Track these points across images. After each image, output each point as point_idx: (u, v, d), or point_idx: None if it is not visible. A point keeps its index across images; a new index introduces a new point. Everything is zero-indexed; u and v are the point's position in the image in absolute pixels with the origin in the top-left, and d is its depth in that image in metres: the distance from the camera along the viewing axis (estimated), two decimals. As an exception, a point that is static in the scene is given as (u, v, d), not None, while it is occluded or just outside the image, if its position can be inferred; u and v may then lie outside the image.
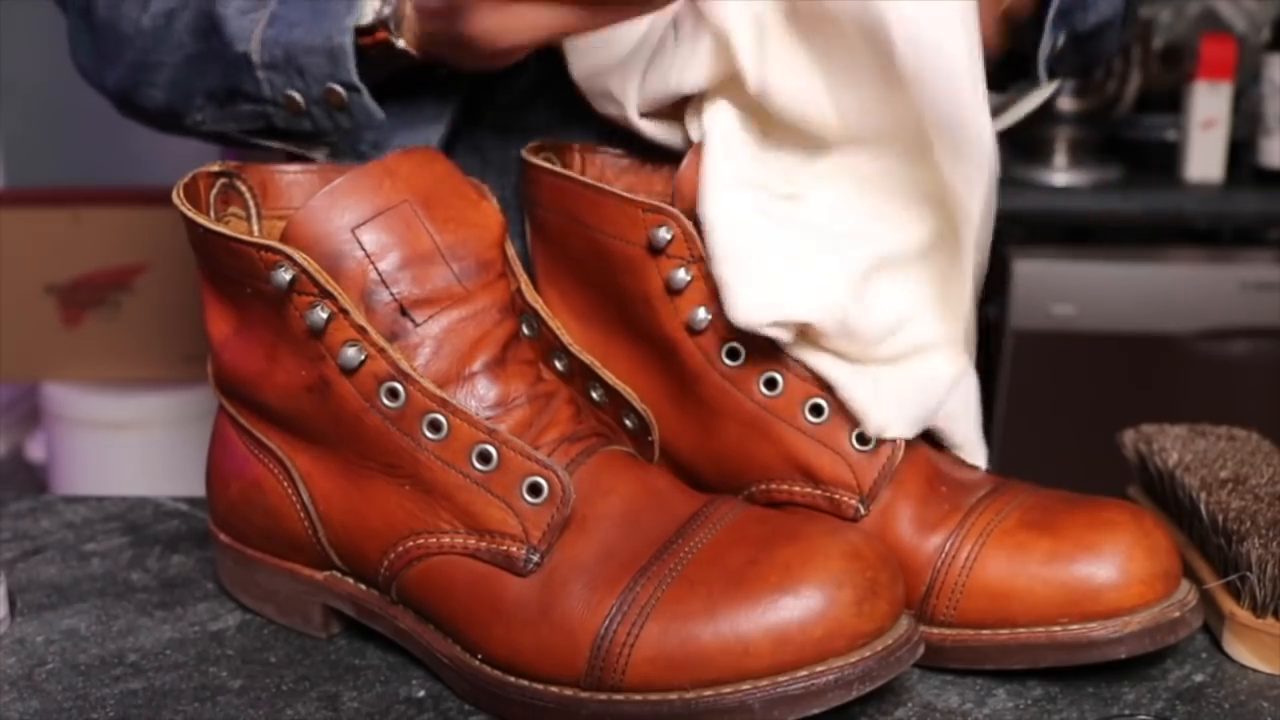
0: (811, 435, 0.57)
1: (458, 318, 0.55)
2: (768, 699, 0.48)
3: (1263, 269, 1.80)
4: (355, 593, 0.57)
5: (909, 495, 0.57)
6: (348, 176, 0.54)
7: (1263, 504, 0.59)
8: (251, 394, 0.57)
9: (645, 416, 0.57)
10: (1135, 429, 0.69)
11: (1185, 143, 1.87)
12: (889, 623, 0.50)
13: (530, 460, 0.52)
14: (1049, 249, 1.85)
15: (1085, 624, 0.53)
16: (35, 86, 1.97)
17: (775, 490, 0.58)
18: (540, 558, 0.52)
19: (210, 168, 0.58)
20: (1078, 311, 1.80)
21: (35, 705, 0.54)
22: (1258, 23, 1.96)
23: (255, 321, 0.56)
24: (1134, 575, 0.53)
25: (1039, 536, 0.54)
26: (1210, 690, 0.55)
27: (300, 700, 0.54)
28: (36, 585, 0.64)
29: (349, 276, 0.53)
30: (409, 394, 0.52)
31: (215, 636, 0.60)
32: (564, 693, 0.50)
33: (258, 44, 0.63)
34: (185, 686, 0.55)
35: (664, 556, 0.51)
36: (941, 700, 0.54)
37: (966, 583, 0.55)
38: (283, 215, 0.59)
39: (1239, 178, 1.88)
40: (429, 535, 0.53)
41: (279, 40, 0.62)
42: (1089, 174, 1.89)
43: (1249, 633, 0.56)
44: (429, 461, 0.53)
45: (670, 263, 0.58)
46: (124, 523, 0.72)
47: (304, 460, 0.56)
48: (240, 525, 0.60)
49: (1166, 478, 0.64)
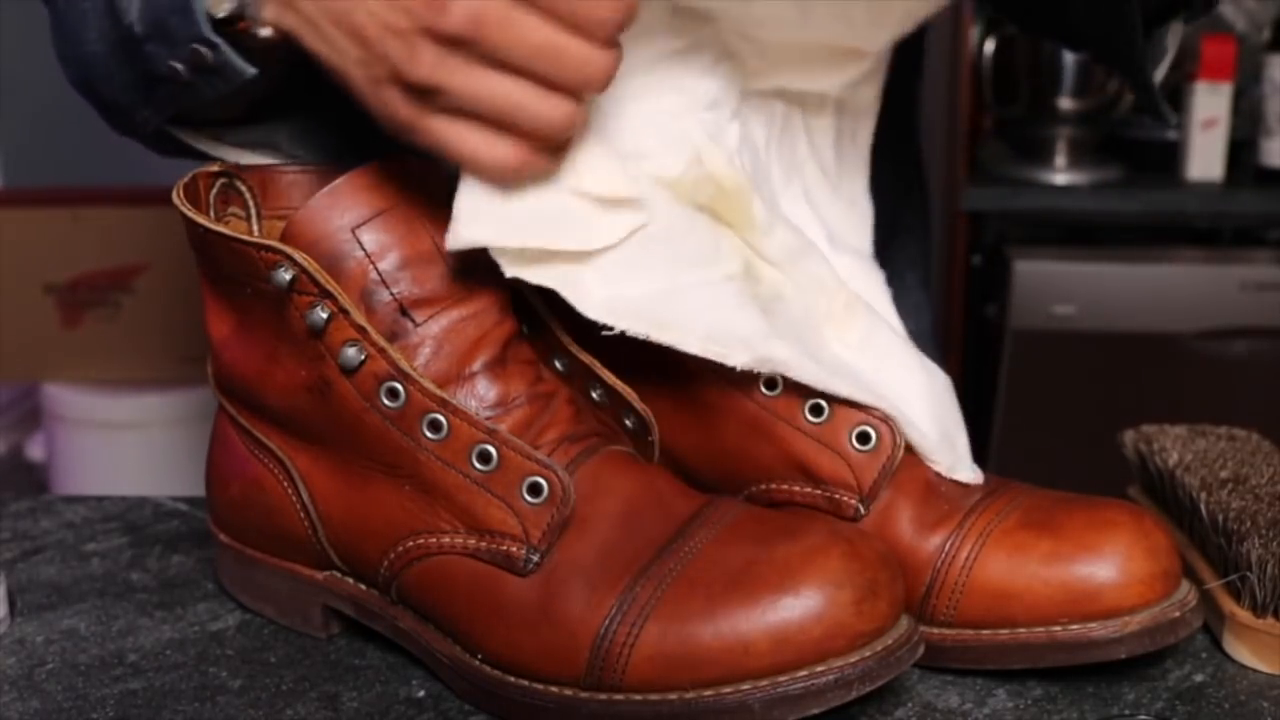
0: (811, 435, 0.57)
1: (458, 318, 0.55)
2: (768, 699, 0.48)
3: (1263, 269, 1.80)
4: (355, 593, 0.57)
5: (909, 495, 0.57)
6: (348, 177, 0.54)
7: (1263, 504, 0.59)
8: (251, 394, 0.57)
9: (645, 416, 0.57)
10: (1135, 429, 0.68)
11: (1185, 143, 1.87)
12: (889, 623, 0.50)
13: (530, 460, 0.52)
14: (1049, 249, 1.85)
15: (1085, 624, 0.53)
16: (35, 86, 1.97)
17: (775, 490, 0.58)
18: (540, 558, 0.52)
19: (210, 168, 0.58)
20: (1078, 311, 1.80)
21: (35, 705, 0.54)
22: (1258, 23, 1.96)
23: (255, 321, 0.56)
24: (1134, 575, 0.53)
25: (1039, 536, 0.54)
26: (1210, 690, 0.55)
27: (300, 700, 0.54)
28: (36, 585, 0.64)
29: (349, 276, 0.53)
30: (409, 394, 0.52)
31: (215, 636, 0.60)
32: (564, 693, 0.50)
33: (136, 14, 0.58)
34: (185, 686, 0.55)
35: (664, 556, 0.51)
36: (941, 700, 0.54)
37: (966, 583, 0.55)
38: (283, 215, 0.59)
39: (1239, 178, 1.88)
40: (429, 535, 0.53)
41: (149, 4, 0.57)
42: (1089, 174, 1.89)
43: (1249, 633, 0.56)
44: (429, 461, 0.53)
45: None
46: (124, 523, 0.72)
47: (304, 460, 0.56)
48: (240, 525, 0.60)
49: (1166, 478, 0.64)
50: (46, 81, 0.64)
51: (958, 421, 0.61)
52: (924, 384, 0.60)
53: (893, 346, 0.61)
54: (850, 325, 0.61)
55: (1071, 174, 1.89)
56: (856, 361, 0.60)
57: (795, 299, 0.59)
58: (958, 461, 0.59)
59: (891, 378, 0.60)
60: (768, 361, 0.56)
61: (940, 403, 0.60)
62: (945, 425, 0.60)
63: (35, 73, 0.62)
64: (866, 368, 0.60)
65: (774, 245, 0.59)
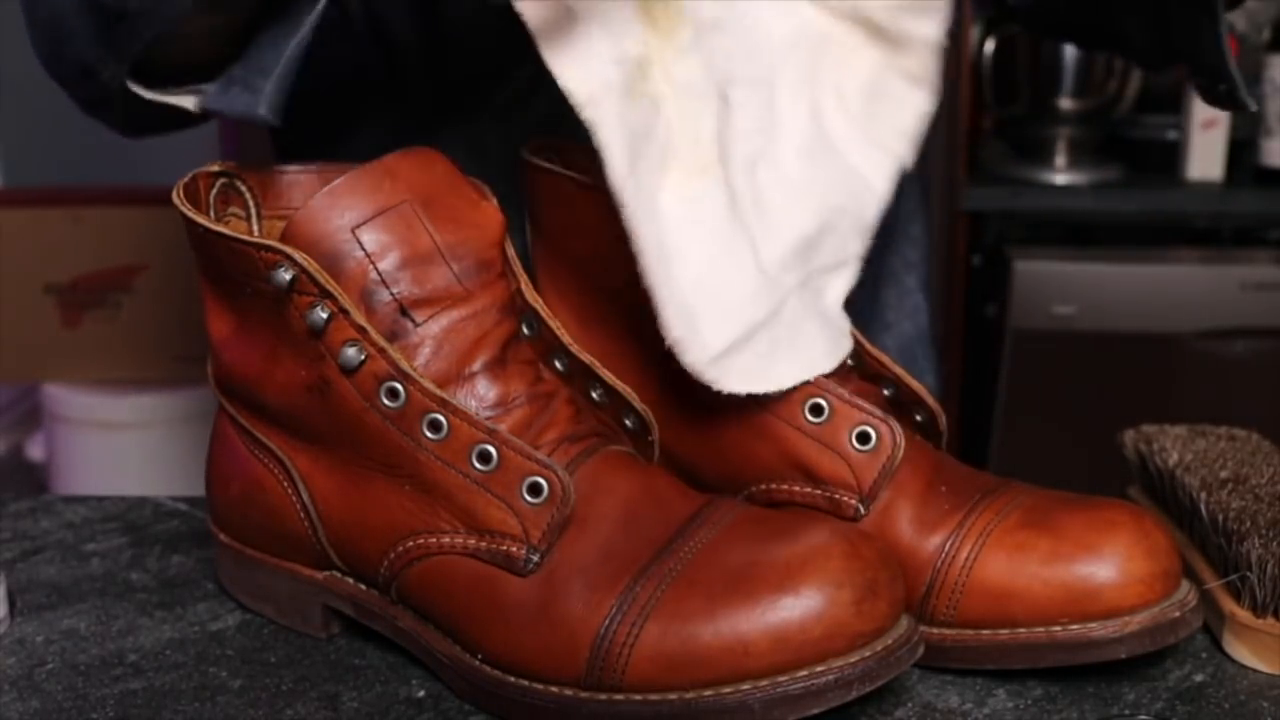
0: (811, 435, 0.57)
1: (458, 318, 0.55)
2: (768, 699, 0.48)
3: (1263, 269, 1.80)
4: (355, 593, 0.57)
5: (909, 495, 0.57)
6: (348, 176, 0.54)
7: (1263, 504, 0.59)
8: (251, 394, 0.57)
9: (645, 416, 0.57)
10: (1135, 429, 0.68)
11: (1185, 143, 1.87)
12: (889, 623, 0.50)
13: (530, 460, 0.52)
14: (1049, 249, 1.85)
15: (1085, 624, 0.53)
16: (35, 86, 1.96)
17: (775, 490, 0.58)
18: (540, 558, 0.52)
19: (210, 168, 0.58)
20: (1078, 311, 1.80)
21: (35, 705, 0.54)
22: (1258, 23, 1.96)
23: (255, 321, 0.56)
24: (1134, 575, 0.53)
25: (1039, 536, 0.54)
26: (1210, 690, 0.55)
27: (300, 700, 0.54)
28: (36, 585, 0.64)
29: (349, 276, 0.53)
30: (409, 394, 0.52)
31: (215, 636, 0.60)
32: (564, 693, 0.50)
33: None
34: (185, 686, 0.55)
35: (664, 556, 0.51)
36: (941, 700, 0.54)
37: (966, 582, 0.55)
38: (283, 215, 0.59)
39: (1239, 178, 1.88)
40: (429, 535, 0.53)
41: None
42: (1089, 174, 1.89)
43: (1249, 633, 0.56)
44: (429, 461, 0.53)
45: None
46: (124, 523, 0.72)
47: (304, 460, 0.56)
48: (240, 525, 0.60)
49: (1166, 478, 0.64)
50: (47, 81, 0.64)
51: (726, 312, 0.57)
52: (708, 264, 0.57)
53: (718, 220, 0.58)
54: (688, 183, 0.58)
55: (1071, 174, 1.89)
56: (675, 212, 0.57)
57: (664, 121, 0.57)
58: (686, 344, 0.56)
59: (681, 244, 0.57)
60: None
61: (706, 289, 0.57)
62: (704, 311, 0.56)
63: (36, 73, 0.62)
64: (672, 223, 0.57)
65: (680, 68, 0.57)
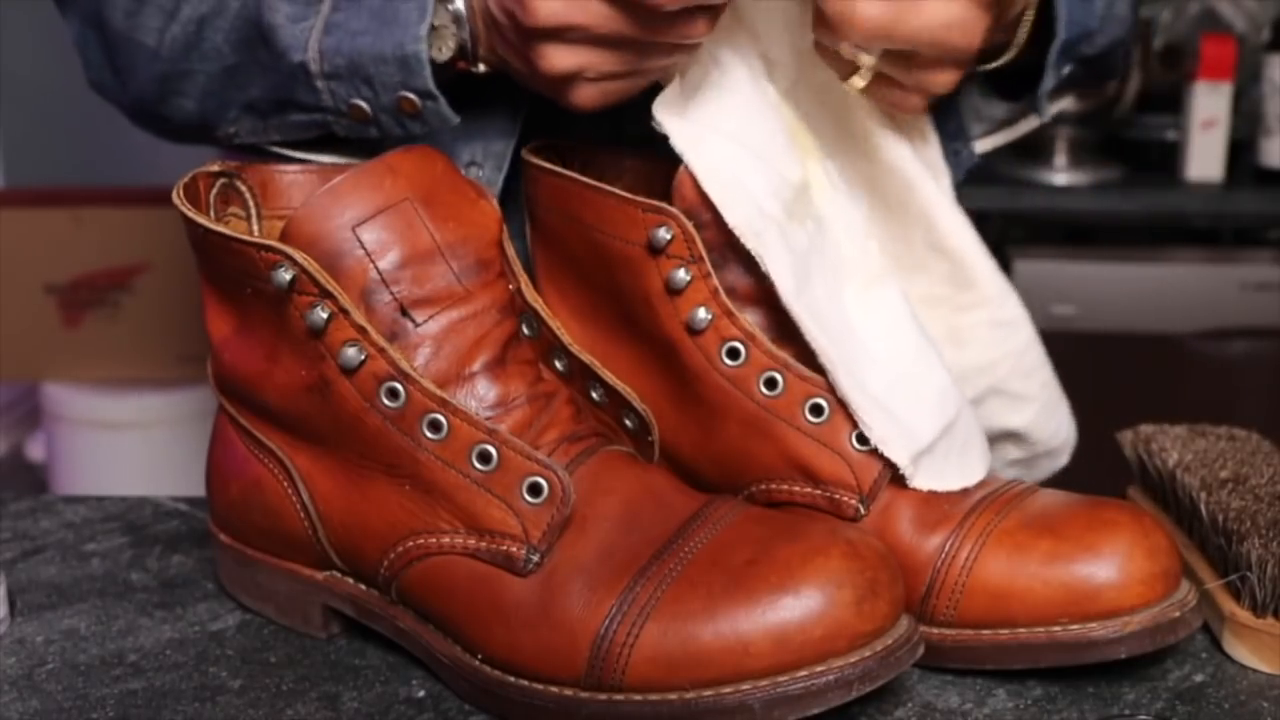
0: (811, 435, 0.57)
1: (457, 318, 0.55)
2: (768, 699, 0.48)
3: (1263, 269, 1.80)
4: (355, 593, 0.57)
5: (909, 495, 0.57)
6: (348, 175, 0.54)
7: (1263, 504, 0.59)
8: (251, 394, 0.57)
9: (645, 416, 0.57)
10: (1135, 429, 0.68)
11: (1185, 143, 1.87)
12: (889, 623, 0.50)
13: (530, 460, 0.52)
14: (1049, 249, 1.85)
15: (1085, 624, 0.53)
16: (35, 86, 1.97)
17: (775, 490, 0.58)
18: (540, 558, 0.52)
19: (210, 168, 0.58)
20: (1078, 311, 1.80)
21: (35, 705, 0.54)
22: (1258, 23, 1.96)
23: (255, 321, 0.56)
24: (1134, 575, 0.53)
25: (1039, 536, 0.54)
26: (1210, 690, 0.55)
27: (300, 700, 0.54)
28: (36, 585, 0.64)
29: (349, 275, 0.53)
30: (409, 394, 0.52)
31: (215, 636, 0.60)
32: (564, 693, 0.50)
33: (316, 53, 0.60)
34: (185, 686, 0.55)
35: (664, 556, 0.51)
36: (941, 700, 0.54)
37: (966, 583, 0.55)
38: (283, 215, 0.59)
39: (1239, 178, 1.88)
40: (429, 535, 0.53)
41: (341, 49, 0.60)
42: (1089, 174, 1.89)
43: (1249, 633, 0.56)
44: (429, 461, 0.53)
45: (670, 263, 0.58)
46: (124, 523, 0.72)
47: (304, 460, 0.56)
48: (240, 525, 0.60)
49: (1166, 478, 0.64)
50: (47, 81, 0.65)
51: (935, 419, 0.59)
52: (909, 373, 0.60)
53: (903, 327, 0.62)
54: (866, 294, 0.62)
55: (1071, 174, 1.89)
56: (861, 322, 0.61)
57: (831, 241, 0.62)
58: (890, 441, 0.57)
59: (883, 352, 0.60)
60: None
61: (915, 395, 0.59)
62: (902, 412, 0.58)
63: (36, 73, 0.62)
64: (869, 334, 0.60)
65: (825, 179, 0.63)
